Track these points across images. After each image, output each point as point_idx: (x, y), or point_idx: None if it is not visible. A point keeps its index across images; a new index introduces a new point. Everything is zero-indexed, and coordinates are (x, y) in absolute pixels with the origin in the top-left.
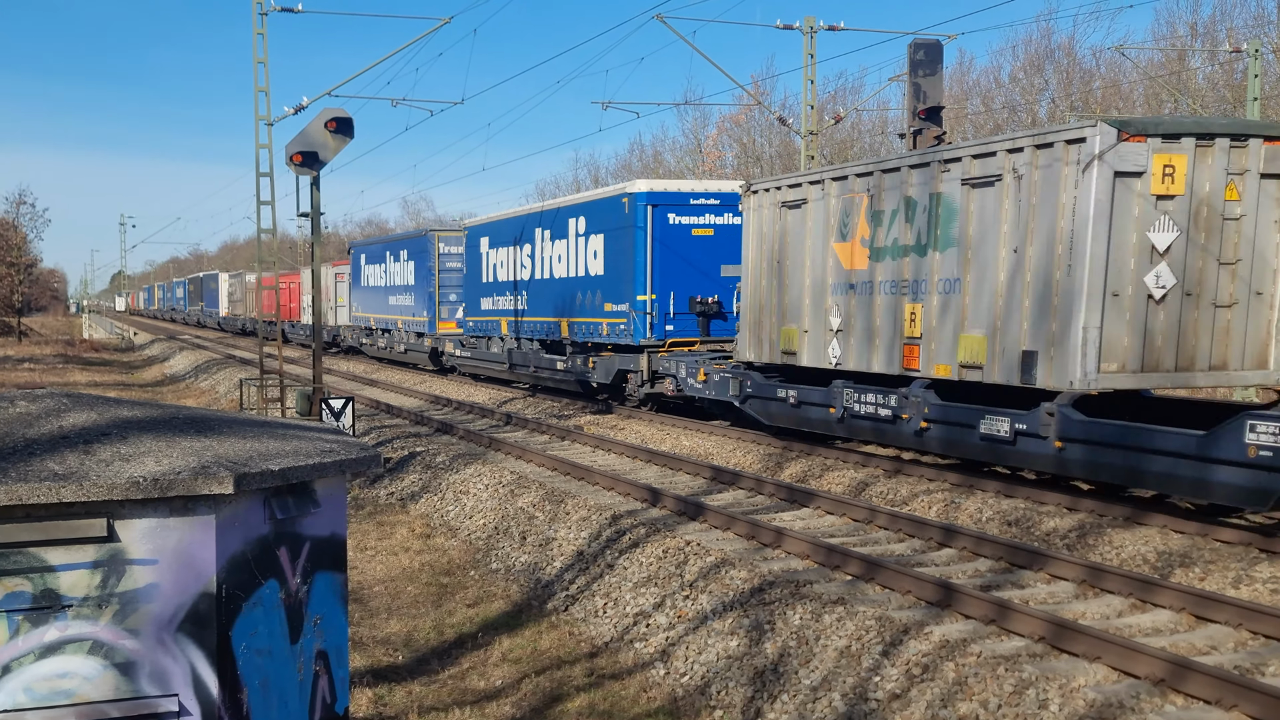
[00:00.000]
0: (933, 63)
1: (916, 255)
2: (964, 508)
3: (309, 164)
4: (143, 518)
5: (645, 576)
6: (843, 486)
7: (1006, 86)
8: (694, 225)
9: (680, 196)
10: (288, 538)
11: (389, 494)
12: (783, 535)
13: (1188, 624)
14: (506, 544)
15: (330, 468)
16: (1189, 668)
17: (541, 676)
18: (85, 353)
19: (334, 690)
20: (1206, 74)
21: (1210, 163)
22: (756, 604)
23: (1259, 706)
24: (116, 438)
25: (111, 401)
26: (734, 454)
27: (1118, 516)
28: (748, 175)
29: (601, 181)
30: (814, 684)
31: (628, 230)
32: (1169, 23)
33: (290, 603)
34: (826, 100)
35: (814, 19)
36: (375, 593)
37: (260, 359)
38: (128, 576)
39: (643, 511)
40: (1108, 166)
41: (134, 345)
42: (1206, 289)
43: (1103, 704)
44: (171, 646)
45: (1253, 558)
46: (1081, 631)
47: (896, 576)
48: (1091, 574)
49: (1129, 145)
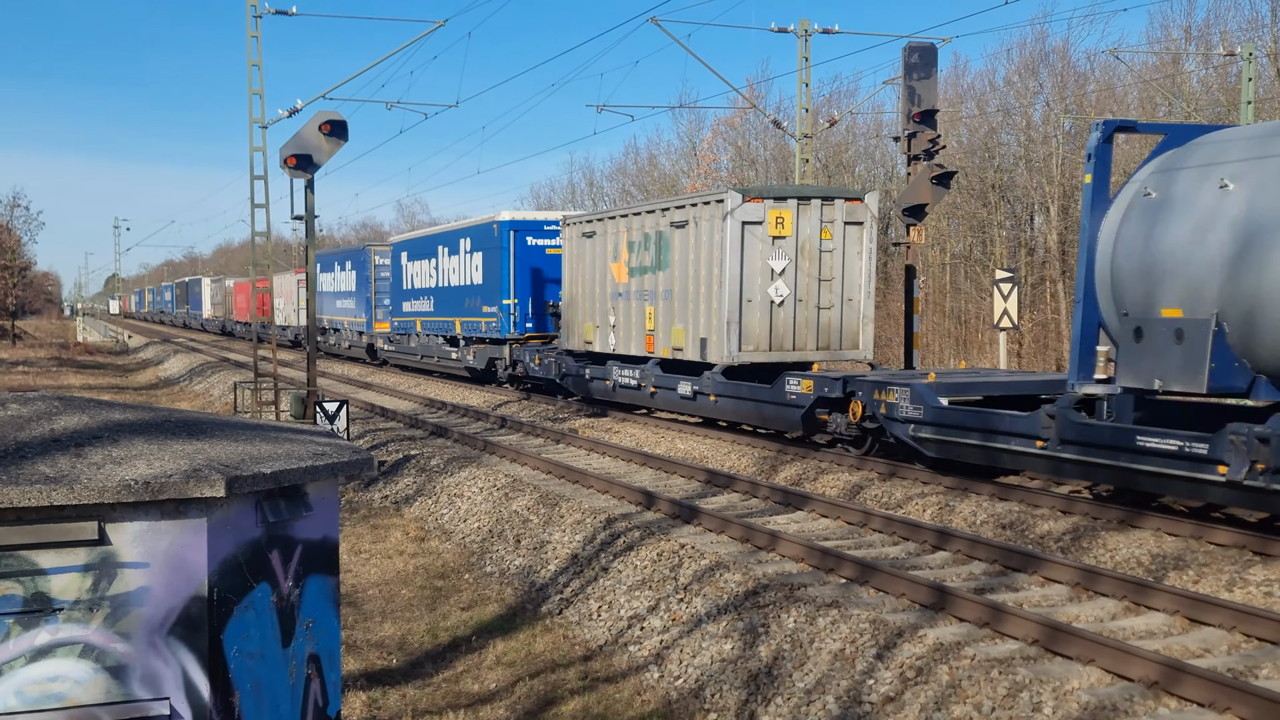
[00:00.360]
0: (927, 66)
1: (652, 273)
2: (958, 511)
3: (303, 167)
4: (134, 521)
5: (640, 580)
6: (837, 490)
7: (1001, 90)
8: (546, 246)
9: (536, 224)
10: (280, 541)
11: (383, 497)
12: (777, 538)
13: (1181, 627)
14: (501, 547)
15: (322, 471)
16: (1183, 670)
17: (536, 680)
18: (79, 356)
19: (326, 694)
20: (1200, 77)
21: (809, 215)
22: (751, 607)
23: (1252, 709)
24: (108, 440)
25: (103, 404)
26: (729, 457)
27: (1111, 519)
28: (742, 178)
29: (596, 186)
30: (808, 687)
31: (497, 250)
32: (1163, 26)
33: (282, 606)
34: (821, 103)
35: (808, 22)
36: (369, 596)
37: (254, 362)
38: (119, 579)
39: (637, 514)
40: (737, 219)
41: (128, 348)
42: (811, 297)
43: (1096, 707)
44: (163, 650)
45: (1246, 560)
46: (1075, 634)
47: (891, 579)
48: (1085, 577)
49: (750, 204)
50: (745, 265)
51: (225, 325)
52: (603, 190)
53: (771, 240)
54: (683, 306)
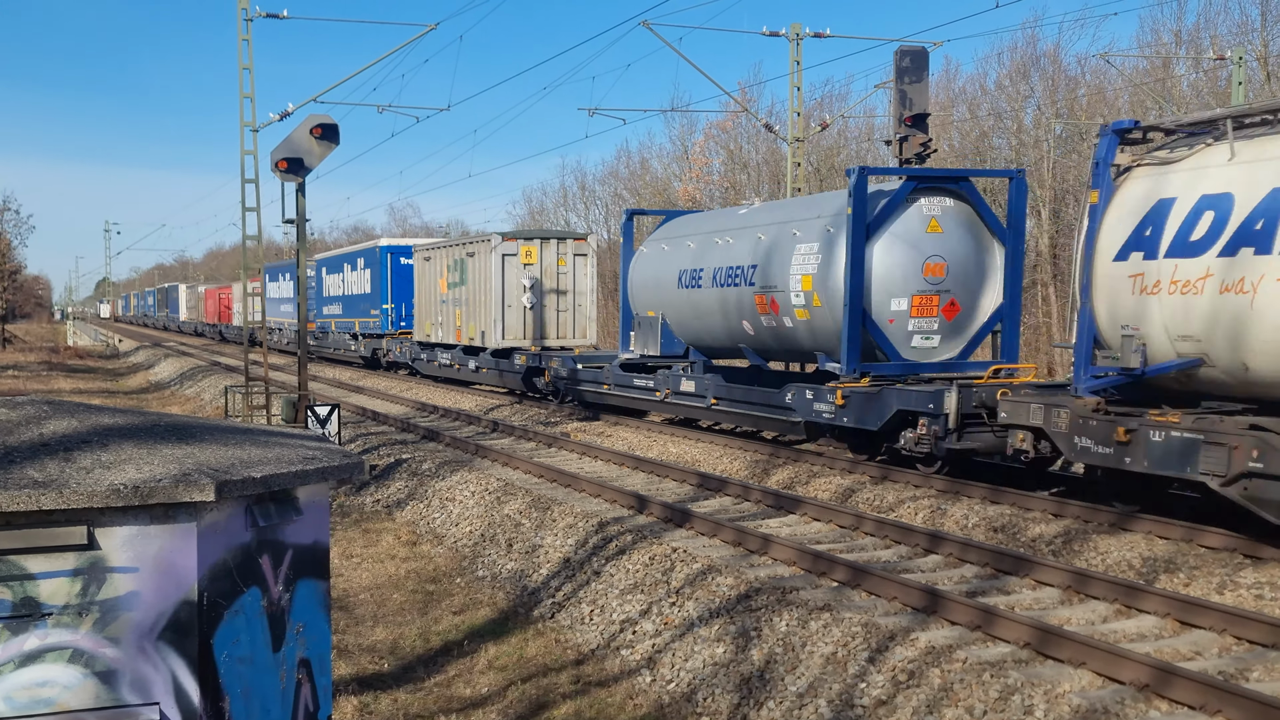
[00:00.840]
0: (918, 70)
1: (458, 287)
2: (950, 514)
3: (294, 170)
4: (123, 525)
5: (632, 583)
6: (829, 493)
7: (992, 93)
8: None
9: (405, 248)
10: (270, 545)
11: (375, 501)
12: (769, 542)
13: (1172, 629)
14: (493, 551)
15: (313, 475)
16: (1173, 673)
17: (528, 684)
18: (70, 360)
19: (316, 698)
20: (1191, 81)
21: (550, 249)
22: (743, 611)
23: (1243, 712)
24: (97, 445)
25: (92, 409)
26: (720, 460)
27: (1103, 522)
28: (734, 182)
29: (588, 189)
30: (800, 691)
31: (378, 267)
32: (1153, 30)
33: (272, 611)
34: (813, 107)
35: (800, 26)
36: (361, 600)
37: (245, 366)
38: (108, 584)
39: (629, 518)
40: (499, 252)
41: (119, 352)
42: (552, 303)
43: (1088, 709)
44: (152, 655)
45: (1237, 563)
46: (1067, 637)
47: (883, 583)
48: (1077, 580)
49: (509, 243)
50: (506, 283)
51: (197, 328)
52: (595, 194)
53: (523, 266)
54: (473, 310)
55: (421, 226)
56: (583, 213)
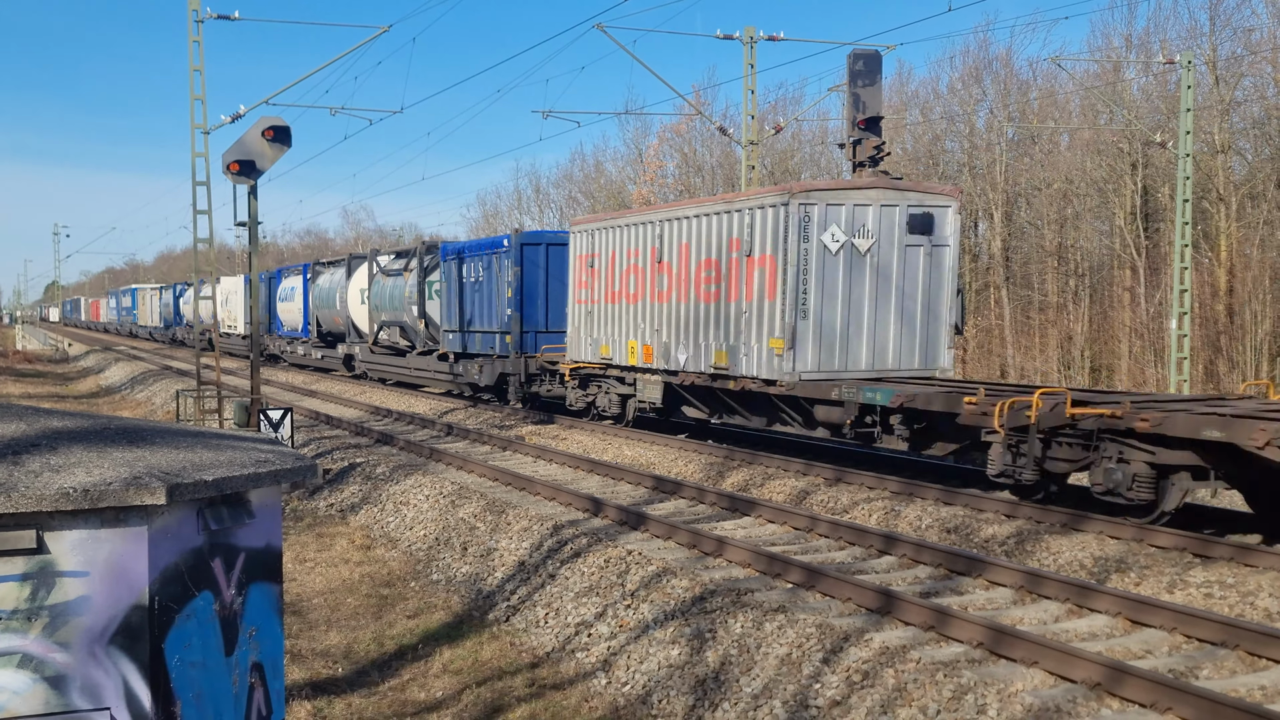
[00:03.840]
0: (872, 73)
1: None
2: (904, 515)
3: (246, 173)
4: (73, 529)
5: (587, 586)
6: (784, 495)
7: (945, 97)
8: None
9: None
10: (222, 549)
11: (329, 505)
12: (724, 544)
13: (1124, 628)
14: (447, 555)
15: (265, 478)
16: (1125, 672)
17: (482, 687)
18: (18, 364)
19: (269, 702)
20: (1141, 85)
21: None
22: (698, 613)
23: (1193, 709)
24: (46, 448)
25: (41, 412)
26: (676, 463)
27: (1055, 523)
28: (689, 185)
29: (543, 192)
30: (755, 692)
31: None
32: (1104, 34)
33: (225, 614)
34: (767, 110)
35: (754, 29)
36: (315, 605)
37: (197, 370)
38: (58, 589)
39: (585, 521)
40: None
41: (69, 356)
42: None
43: (1040, 708)
44: (103, 659)
45: (1187, 563)
46: (1019, 637)
47: (837, 584)
48: (1029, 580)
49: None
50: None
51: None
52: (549, 197)
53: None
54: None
55: (375, 230)
56: (537, 215)
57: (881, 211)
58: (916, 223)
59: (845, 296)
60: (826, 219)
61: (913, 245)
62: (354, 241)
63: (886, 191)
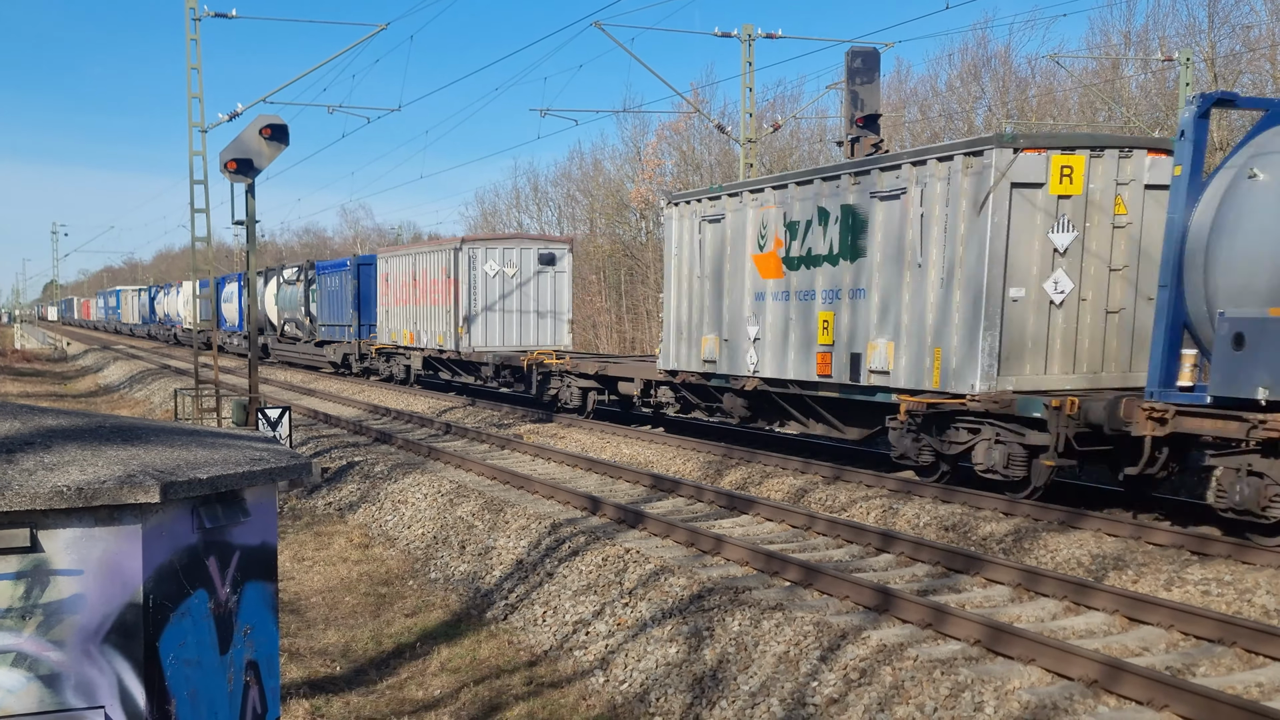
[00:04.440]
0: (870, 70)
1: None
2: (902, 513)
3: (244, 171)
4: (67, 527)
5: (585, 584)
6: (782, 493)
7: (943, 95)
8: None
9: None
10: (217, 547)
11: (327, 504)
12: (722, 542)
13: (1121, 626)
14: (445, 553)
15: (260, 476)
16: (1122, 669)
17: (480, 686)
18: (17, 363)
19: (264, 701)
20: (1139, 82)
21: None
22: (696, 611)
23: (1190, 706)
24: (40, 446)
25: (36, 410)
26: (674, 462)
27: (1053, 521)
28: (686, 183)
29: (541, 191)
30: (752, 690)
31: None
32: (1103, 31)
33: (220, 613)
34: (765, 108)
35: (752, 27)
36: (313, 603)
37: (195, 369)
38: (52, 587)
39: (583, 520)
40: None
41: (67, 355)
42: None
43: (1037, 706)
44: (98, 658)
45: (1184, 560)
46: (1017, 634)
47: (835, 582)
48: (1027, 578)
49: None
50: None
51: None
52: (547, 195)
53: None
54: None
55: (374, 228)
56: (535, 214)
57: (522, 253)
58: (544, 259)
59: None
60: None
61: (542, 272)
62: (352, 240)
63: (524, 240)
